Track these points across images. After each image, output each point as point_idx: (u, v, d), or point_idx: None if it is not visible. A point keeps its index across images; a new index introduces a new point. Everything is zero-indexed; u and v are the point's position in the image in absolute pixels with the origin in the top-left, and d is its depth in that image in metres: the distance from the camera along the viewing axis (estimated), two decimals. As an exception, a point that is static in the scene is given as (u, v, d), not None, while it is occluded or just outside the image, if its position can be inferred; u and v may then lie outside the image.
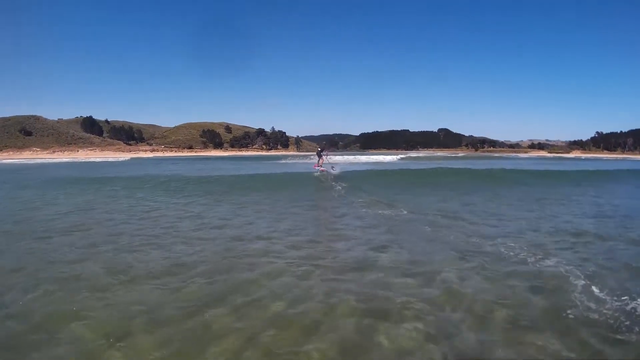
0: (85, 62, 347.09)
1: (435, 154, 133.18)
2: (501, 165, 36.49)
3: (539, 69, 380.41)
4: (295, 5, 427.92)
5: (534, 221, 11.18)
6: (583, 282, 6.05)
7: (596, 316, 5.00)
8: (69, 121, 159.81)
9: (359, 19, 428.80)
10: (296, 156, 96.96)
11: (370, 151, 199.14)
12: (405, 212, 12.27)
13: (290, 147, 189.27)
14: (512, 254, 7.60)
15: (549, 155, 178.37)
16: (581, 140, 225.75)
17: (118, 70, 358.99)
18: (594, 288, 5.81)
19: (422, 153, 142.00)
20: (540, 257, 7.33)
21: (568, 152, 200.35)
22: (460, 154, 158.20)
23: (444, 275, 6.42)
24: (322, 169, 25.55)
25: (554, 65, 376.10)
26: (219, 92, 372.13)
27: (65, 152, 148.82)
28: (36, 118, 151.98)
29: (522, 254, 7.53)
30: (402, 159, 71.38)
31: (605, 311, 5.11)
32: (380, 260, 7.31)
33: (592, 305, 5.27)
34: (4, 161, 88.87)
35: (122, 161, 76.69)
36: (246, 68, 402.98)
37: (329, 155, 29.23)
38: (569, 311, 5.15)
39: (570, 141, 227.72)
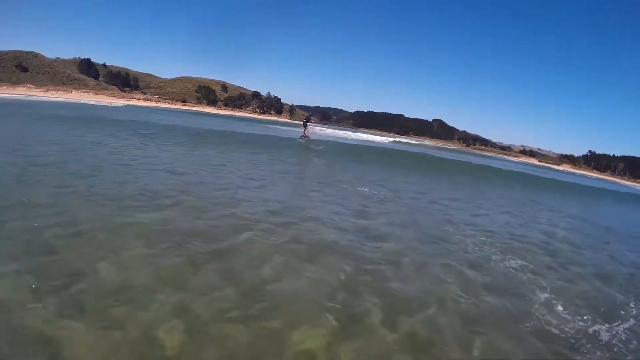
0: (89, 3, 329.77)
1: (424, 142, 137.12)
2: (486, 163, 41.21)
3: (541, 78, 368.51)
4: None
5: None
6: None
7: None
8: (67, 61, 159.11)
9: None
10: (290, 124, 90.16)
11: (362, 129, 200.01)
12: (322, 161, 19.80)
13: (283, 114, 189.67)
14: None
15: (537, 163, 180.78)
16: (572, 155, 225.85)
17: (122, 14, 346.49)
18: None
19: (413, 140, 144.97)
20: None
21: (558, 165, 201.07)
22: (451, 147, 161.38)
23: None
24: (305, 136, 28.59)
25: (556, 77, 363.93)
26: (220, 50, 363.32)
27: (59, 92, 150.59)
28: (34, 55, 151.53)
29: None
30: (393, 142, 68.25)
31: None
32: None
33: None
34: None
35: (115, 107, 74.46)
36: (249, 34, 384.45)
37: (313, 126, 32.25)
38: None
39: (561, 154, 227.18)
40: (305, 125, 29.35)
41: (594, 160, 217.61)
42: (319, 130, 41.07)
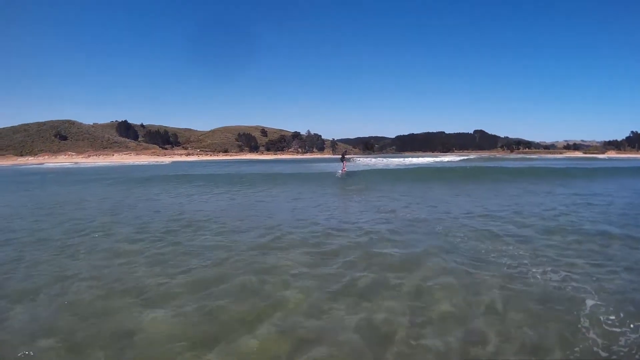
0: (121, 66, 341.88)
1: (470, 157, 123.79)
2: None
3: (575, 67, 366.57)
4: (324, 9, 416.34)
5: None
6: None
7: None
8: (104, 125, 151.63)
9: (387, 21, 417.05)
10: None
11: (406, 153, 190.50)
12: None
13: (325, 150, 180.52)
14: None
15: (583, 155, 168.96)
16: (616, 140, 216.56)
17: (154, 74, 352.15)
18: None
19: (456, 156, 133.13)
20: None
21: (603, 153, 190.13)
22: (497, 155, 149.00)
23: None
24: (344, 170, 28.06)
25: (590, 64, 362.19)
26: (255, 95, 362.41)
27: (101, 156, 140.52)
28: (71, 123, 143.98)
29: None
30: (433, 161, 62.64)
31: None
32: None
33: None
34: (51, 165, 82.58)
35: (164, 165, 73.08)
36: (283, 75, 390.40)
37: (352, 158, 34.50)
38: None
39: (605, 141, 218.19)
40: (342, 160, 29.84)
41: (638, 141, 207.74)
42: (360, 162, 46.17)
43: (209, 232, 9.08)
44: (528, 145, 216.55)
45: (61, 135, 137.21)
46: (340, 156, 31.14)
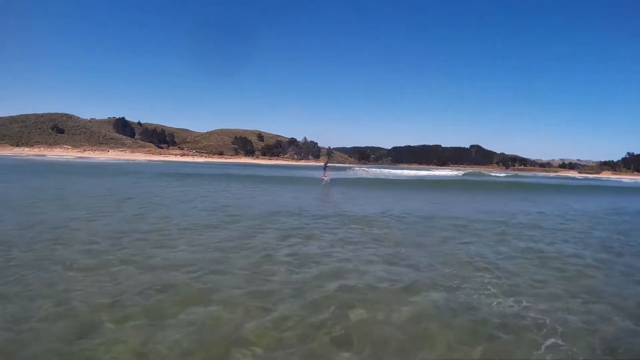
0: (121, 63, 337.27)
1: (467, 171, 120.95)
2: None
3: (573, 87, 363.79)
4: (328, 16, 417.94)
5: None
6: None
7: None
8: (102, 121, 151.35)
9: (388, 30, 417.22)
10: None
11: (402, 165, 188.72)
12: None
13: (321, 158, 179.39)
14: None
15: (578, 175, 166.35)
16: (612, 161, 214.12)
17: (154, 73, 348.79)
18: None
19: (452, 170, 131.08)
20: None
21: (598, 173, 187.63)
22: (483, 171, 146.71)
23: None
24: (325, 177, 31.03)
25: (587, 84, 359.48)
26: (254, 99, 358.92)
27: (96, 152, 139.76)
28: (69, 116, 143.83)
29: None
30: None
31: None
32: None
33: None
34: (45, 158, 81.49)
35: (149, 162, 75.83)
36: (282, 81, 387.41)
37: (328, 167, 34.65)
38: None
39: (601, 162, 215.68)
40: (324, 169, 33.58)
41: (633, 162, 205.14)
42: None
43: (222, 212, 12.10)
44: (524, 162, 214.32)
45: (58, 128, 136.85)
46: (323, 165, 35.74)
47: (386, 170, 68.06)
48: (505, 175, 63.23)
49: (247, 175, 37.43)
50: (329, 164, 37.04)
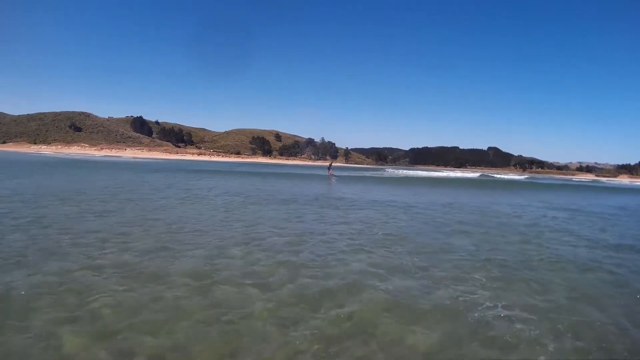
0: (139, 62, 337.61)
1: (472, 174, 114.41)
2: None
3: (596, 89, 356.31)
4: (351, 18, 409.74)
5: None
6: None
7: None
8: (119, 120, 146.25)
9: (406, 32, 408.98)
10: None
11: (419, 166, 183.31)
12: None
13: (339, 159, 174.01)
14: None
15: (595, 178, 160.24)
16: (629, 164, 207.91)
17: (172, 72, 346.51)
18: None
19: (469, 172, 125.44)
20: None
21: (615, 176, 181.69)
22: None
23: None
24: (331, 174, 34.61)
25: (608, 87, 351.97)
26: (272, 99, 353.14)
27: (113, 150, 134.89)
28: (86, 115, 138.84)
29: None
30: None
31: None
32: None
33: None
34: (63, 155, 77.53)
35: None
36: (300, 81, 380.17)
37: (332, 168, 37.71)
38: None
39: (618, 165, 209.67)
40: (329, 169, 36.91)
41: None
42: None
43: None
44: (541, 165, 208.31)
45: (76, 127, 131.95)
46: (328, 165, 40.07)
47: (412, 172, 68.87)
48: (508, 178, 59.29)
49: (284, 173, 41.65)
50: (332, 167, 41.25)
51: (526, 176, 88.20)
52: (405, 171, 70.89)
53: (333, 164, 43.11)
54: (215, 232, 7.42)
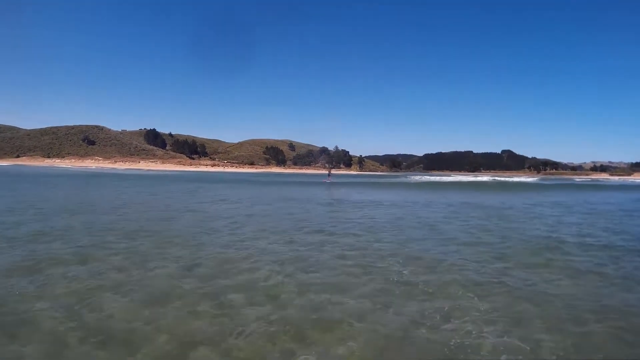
0: (151, 75, 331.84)
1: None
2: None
3: (605, 88, 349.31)
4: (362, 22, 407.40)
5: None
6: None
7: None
8: (132, 133, 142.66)
9: (417, 36, 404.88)
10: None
11: (434, 172, 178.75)
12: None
13: (353, 167, 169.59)
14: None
15: (609, 178, 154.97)
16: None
17: (185, 84, 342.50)
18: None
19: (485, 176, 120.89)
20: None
21: (629, 175, 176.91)
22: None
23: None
24: (329, 179, 39.97)
25: (622, 83, 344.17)
26: (285, 108, 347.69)
27: (127, 163, 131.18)
28: (100, 128, 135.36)
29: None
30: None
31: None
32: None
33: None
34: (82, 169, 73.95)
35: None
36: (315, 88, 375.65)
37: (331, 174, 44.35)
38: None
39: (632, 163, 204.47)
40: (328, 175, 42.90)
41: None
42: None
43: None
44: (555, 166, 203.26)
45: (89, 140, 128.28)
46: (328, 172, 46.54)
47: (432, 177, 71.03)
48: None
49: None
50: (331, 173, 48.04)
51: (536, 178, 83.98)
52: (426, 177, 71.46)
53: (332, 172, 54.19)
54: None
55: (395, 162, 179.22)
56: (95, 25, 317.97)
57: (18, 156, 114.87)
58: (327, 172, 48.10)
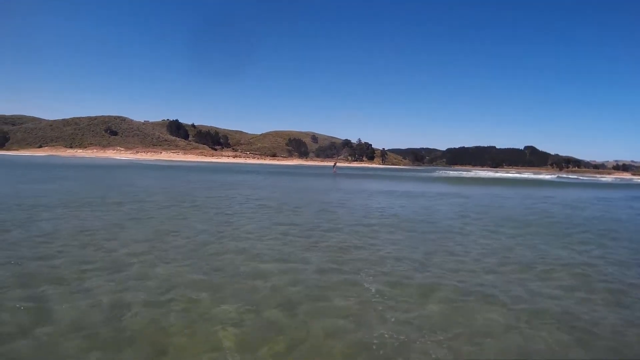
0: (177, 66, 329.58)
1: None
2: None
3: (631, 86, 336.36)
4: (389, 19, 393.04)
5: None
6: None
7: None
8: (155, 124, 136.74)
9: (443, 33, 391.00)
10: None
11: (456, 167, 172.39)
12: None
13: (375, 160, 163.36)
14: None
15: (633, 177, 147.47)
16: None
17: (208, 74, 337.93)
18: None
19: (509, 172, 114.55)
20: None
21: None
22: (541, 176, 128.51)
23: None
24: (335, 171, 43.64)
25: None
26: (307, 101, 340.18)
27: (149, 153, 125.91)
28: (122, 119, 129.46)
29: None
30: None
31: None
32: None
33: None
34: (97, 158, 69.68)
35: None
36: (339, 80, 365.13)
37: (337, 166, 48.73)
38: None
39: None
40: (334, 166, 47.84)
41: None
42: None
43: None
44: (577, 163, 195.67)
45: (112, 131, 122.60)
46: (333, 164, 52.03)
47: (456, 172, 73.16)
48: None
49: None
50: (337, 165, 51.80)
51: (555, 176, 78.86)
52: (450, 172, 71.50)
53: (338, 164, 57.82)
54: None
55: (418, 156, 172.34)
56: (118, 16, 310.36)
57: (40, 146, 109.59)
58: (333, 164, 52.67)
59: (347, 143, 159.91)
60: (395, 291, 4.51)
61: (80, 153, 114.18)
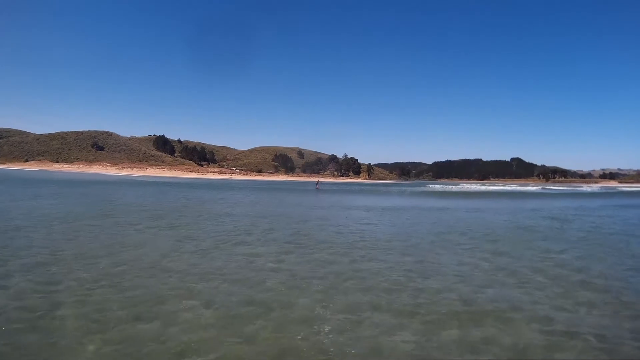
0: (163, 81, 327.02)
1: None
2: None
3: (615, 95, 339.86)
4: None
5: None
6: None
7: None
8: (142, 139, 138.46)
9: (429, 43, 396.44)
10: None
11: (442, 180, 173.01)
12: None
13: (362, 175, 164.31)
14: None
15: (618, 185, 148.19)
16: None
17: (196, 90, 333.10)
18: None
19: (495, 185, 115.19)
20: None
21: (638, 182, 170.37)
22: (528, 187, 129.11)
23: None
24: (318, 188, 46.43)
25: (630, 91, 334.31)
26: (294, 117, 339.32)
27: (134, 169, 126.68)
28: (109, 134, 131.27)
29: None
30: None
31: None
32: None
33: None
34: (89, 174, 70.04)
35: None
36: (322, 94, 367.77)
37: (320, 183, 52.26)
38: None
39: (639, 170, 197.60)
40: (317, 184, 51.07)
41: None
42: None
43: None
44: (564, 174, 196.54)
45: (98, 146, 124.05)
46: (317, 181, 56.05)
47: (448, 186, 75.17)
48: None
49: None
50: (320, 183, 54.09)
51: (540, 187, 79.37)
52: (436, 186, 74.70)
53: (321, 180, 65.99)
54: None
55: (404, 170, 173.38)
56: (105, 29, 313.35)
57: (27, 160, 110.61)
58: (316, 181, 58.31)
59: (333, 158, 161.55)
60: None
61: (66, 168, 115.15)
